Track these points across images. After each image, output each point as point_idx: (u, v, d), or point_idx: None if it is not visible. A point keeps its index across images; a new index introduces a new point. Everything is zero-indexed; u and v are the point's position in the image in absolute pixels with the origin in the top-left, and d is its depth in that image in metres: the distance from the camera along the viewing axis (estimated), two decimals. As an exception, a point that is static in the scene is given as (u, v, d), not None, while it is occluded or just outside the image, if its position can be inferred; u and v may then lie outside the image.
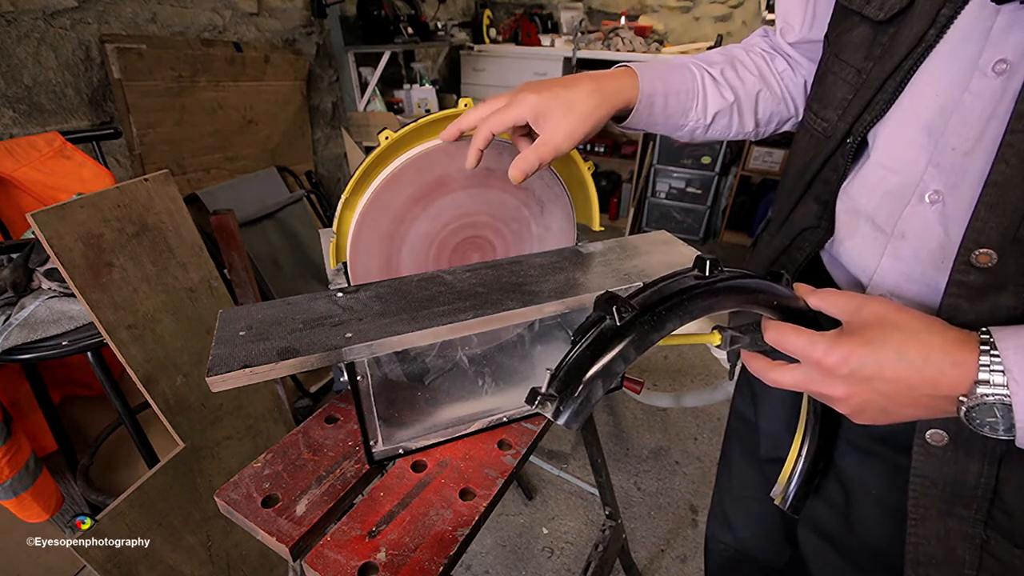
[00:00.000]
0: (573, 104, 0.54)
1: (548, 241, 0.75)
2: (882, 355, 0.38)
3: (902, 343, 0.38)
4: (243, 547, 1.21)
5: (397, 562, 0.53)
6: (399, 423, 0.69)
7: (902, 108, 0.47)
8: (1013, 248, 0.38)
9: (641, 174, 3.24)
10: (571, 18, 3.25)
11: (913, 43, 0.44)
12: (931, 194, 0.45)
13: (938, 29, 0.42)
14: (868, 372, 0.39)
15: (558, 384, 0.35)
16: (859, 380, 0.39)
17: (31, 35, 1.34)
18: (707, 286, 0.40)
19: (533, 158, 0.54)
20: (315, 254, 2.04)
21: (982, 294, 0.40)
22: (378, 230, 0.64)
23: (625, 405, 1.97)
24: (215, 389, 0.45)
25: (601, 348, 0.35)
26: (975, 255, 0.40)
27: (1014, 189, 0.37)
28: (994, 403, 0.35)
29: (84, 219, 0.92)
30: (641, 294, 0.39)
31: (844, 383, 0.40)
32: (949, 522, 0.46)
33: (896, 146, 0.48)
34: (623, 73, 0.60)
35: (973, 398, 0.35)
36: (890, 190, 0.48)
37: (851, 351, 0.39)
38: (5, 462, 1.08)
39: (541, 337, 0.87)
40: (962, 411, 0.36)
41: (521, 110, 0.54)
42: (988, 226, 0.39)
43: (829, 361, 0.40)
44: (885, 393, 0.39)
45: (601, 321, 0.36)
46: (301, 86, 2.17)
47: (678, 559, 1.44)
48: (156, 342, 1.04)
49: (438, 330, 0.53)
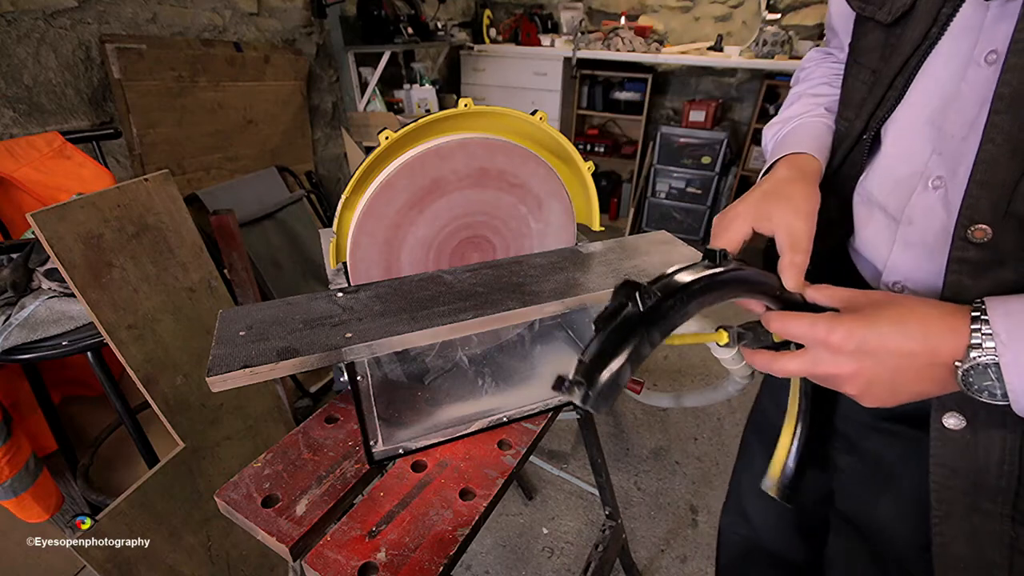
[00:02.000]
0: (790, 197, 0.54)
1: (548, 237, 0.75)
2: (884, 328, 0.39)
3: (901, 316, 0.40)
4: (243, 547, 1.21)
5: (397, 562, 0.53)
6: (399, 423, 0.69)
7: (910, 103, 0.49)
8: (1005, 222, 0.40)
9: (641, 174, 3.24)
10: (571, 18, 3.25)
11: (918, 41, 0.47)
12: (934, 180, 0.47)
13: (940, 27, 0.45)
14: (872, 345, 0.40)
15: (585, 370, 0.36)
16: (864, 354, 0.40)
17: (31, 35, 1.34)
18: (722, 274, 0.41)
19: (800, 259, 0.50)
20: (315, 254, 2.04)
21: (982, 270, 0.42)
22: (375, 238, 0.64)
23: (625, 405, 1.97)
24: (215, 389, 0.45)
25: (627, 334, 0.36)
26: (971, 231, 0.42)
27: (1001, 166, 0.40)
28: (988, 364, 0.36)
29: (84, 219, 0.92)
30: (657, 283, 0.40)
31: (850, 359, 0.41)
32: (975, 519, 0.46)
33: (904, 138, 0.50)
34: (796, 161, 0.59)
35: (967, 361, 0.37)
36: (899, 179, 0.50)
37: (853, 326, 0.40)
38: (5, 462, 1.08)
39: (541, 337, 0.87)
40: (959, 377, 0.38)
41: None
42: (980, 202, 0.41)
43: (834, 338, 0.41)
44: (891, 367, 0.40)
45: (623, 308, 0.37)
46: (301, 86, 2.17)
47: (678, 559, 1.44)
48: (156, 342, 1.04)
49: (438, 330, 0.53)
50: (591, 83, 3.34)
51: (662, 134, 3.07)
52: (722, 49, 2.85)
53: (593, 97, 3.36)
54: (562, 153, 0.72)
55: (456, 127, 0.67)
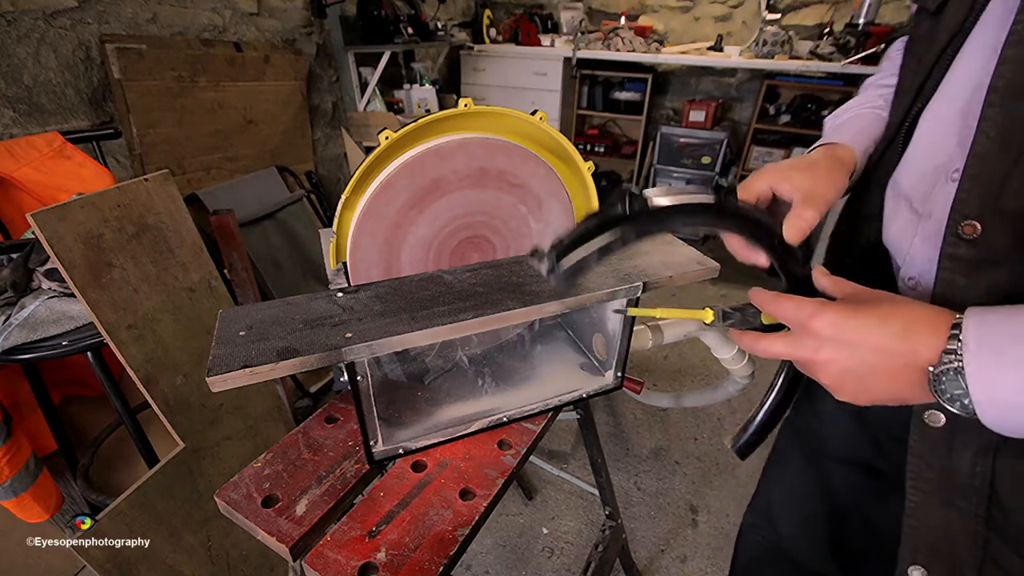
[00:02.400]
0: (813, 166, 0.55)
1: (548, 236, 0.74)
2: (866, 321, 0.39)
3: (887, 313, 0.39)
4: (243, 547, 1.21)
5: (397, 562, 0.53)
6: (399, 423, 0.69)
7: (944, 93, 0.49)
8: (994, 218, 0.40)
9: (641, 174, 3.24)
10: (571, 18, 3.25)
11: (955, 30, 0.47)
12: (953, 172, 0.45)
13: (975, 15, 0.45)
14: (850, 336, 0.39)
15: (559, 247, 0.39)
16: (841, 344, 0.40)
17: (31, 35, 1.34)
18: (718, 206, 0.41)
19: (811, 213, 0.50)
20: (315, 254, 2.04)
21: (975, 269, 0.41)
22: (375, 238, 0.64)
23: (625, 405, 1.97)
24: (215, 389, 0.45)
25: (605, 227, 0.38)
26: (961, 227, 0.41)
27: (992, 160, 0.39)
28: (960, 371, 0.35)
29: (84, 219, 0.92)
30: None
31: (827, 347, 0.40)
32: (951, 514, 0.46)
33: (935, 130, 0.50)
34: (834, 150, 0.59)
35: (939, 366, 0.36)
36: (925, 172, 0.50)
37: (837, 315, 0.40)
38: (5, 462, 1.08)
39: (541, 337, 0.87)
40: (930, 380, 0.37)
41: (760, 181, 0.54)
42: (971, 196, 0.41)
43: (816, 323, 0.41)
44: (867, 362, 0.39)
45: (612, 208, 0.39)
46: (301, 86, 2.17)
47: (678, 559, 1.44)
48: (156, 342, 1.04)
49: (438, 330, 0.53)
50: (591, 83, 3.34)
51: (662, 134, 3.08)
52: (722, 49, 2.85)
53: (593, 97, 3.36)
54: (562, 153, 0.72)
55: (456, 127, 0.67)
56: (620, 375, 0.76)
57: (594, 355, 0.80)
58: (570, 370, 0.80)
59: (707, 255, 0.69)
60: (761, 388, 0.56)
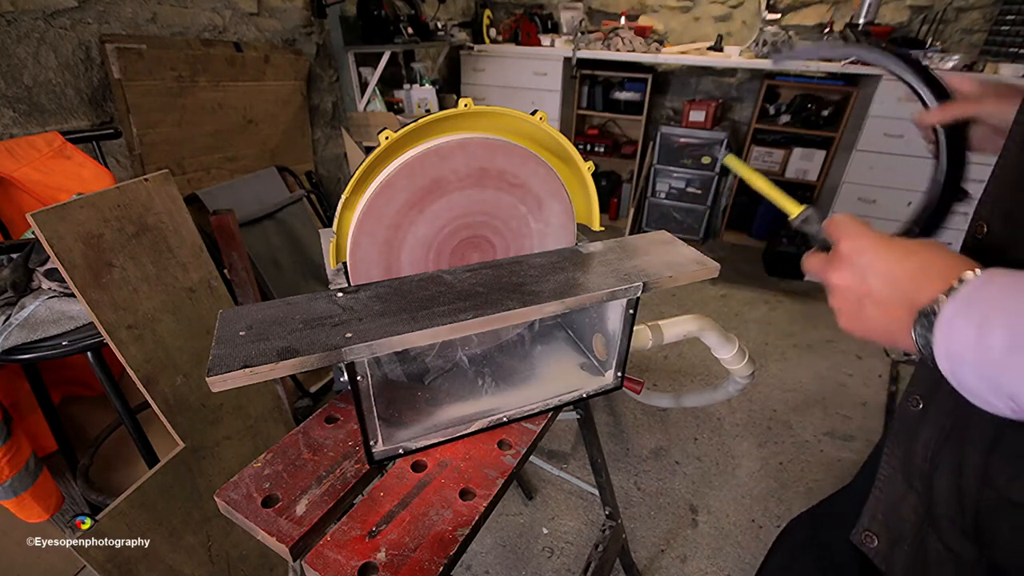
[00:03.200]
0: None
1: (548, 236, 0.75)
2: (888, 253, 0.39)
3: (912, 251, 0.38)
4: (243, 547, 1.21)
5: (397, 562, 0.53)
6: (399, 423, 0.69)
7: None
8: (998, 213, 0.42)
9: (641, 174, 3.24)
10: (571, 18, 3.25)
11: None
12: None
13: None
14: (868, 261, 0.40)
15: None
16: (856, 269, 0.40)
17: (31, 35, 1.34)
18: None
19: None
20: (315, 254, 2.04)
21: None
22: (375, 238, 0.64)
23: (625, 405, 1.97)
24: (215, 389, 0.45)
25: None
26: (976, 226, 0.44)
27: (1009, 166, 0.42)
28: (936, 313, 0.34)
29: (84, 219, 0.92)
30: None
31: (844, 270, 0.41)
32: (909, 493, 0.50)
33: None
34: None
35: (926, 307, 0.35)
36: None
37: (866, 241, 0.41)
38: (5, 462, 1.08)
39: (541, 337, 0.87)
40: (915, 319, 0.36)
41: None
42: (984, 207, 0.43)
43: (844, 245, 0.42)
44: (872, 291, 0.39)
45: None
46: (301, 86, 2.17)
47: (678, 559, 1.44)
48: (156, 342, 1.04)
49: (438, 330, 0.53)
50: (591, 83, 3.34)
51: (662, 134, 3.08)
52: (722, 49, 2.85)
53: (593, 97, 3.36)
54: (562, 153, 0.72)
55: (456, 127, 0.67)
56: (620, 375, 0.76)
57: (594, 355, 0.80)
58: (570, 370, 0.80)
59: (707, 255, 0.69)
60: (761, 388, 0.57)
